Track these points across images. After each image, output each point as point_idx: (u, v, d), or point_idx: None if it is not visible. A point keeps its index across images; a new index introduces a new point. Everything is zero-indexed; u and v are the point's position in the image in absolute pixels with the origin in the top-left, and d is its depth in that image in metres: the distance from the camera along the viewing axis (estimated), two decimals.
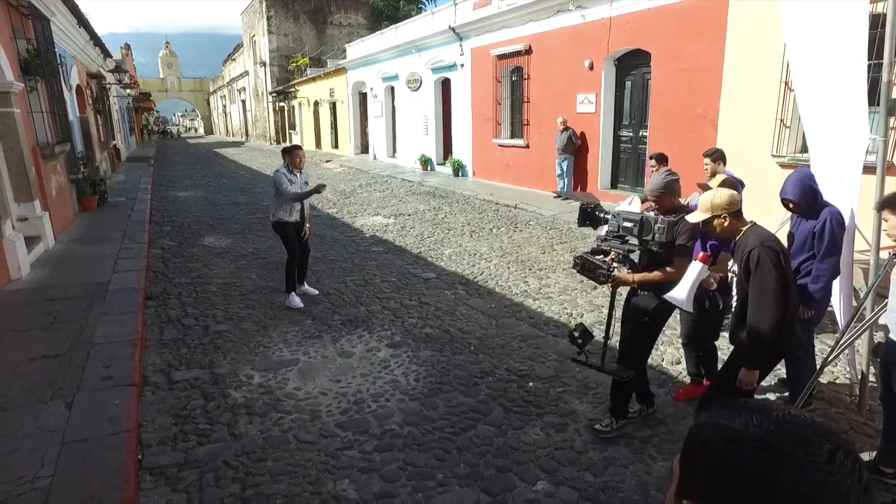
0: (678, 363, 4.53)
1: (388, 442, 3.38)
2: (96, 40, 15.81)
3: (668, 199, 3.29)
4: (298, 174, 5.97)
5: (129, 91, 29.12)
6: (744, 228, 2.77)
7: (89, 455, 2.93)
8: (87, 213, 10.64)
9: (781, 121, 7.76)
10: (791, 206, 3.55)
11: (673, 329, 4.91)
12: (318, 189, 5.77)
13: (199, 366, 4.36)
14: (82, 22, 13.10)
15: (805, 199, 3.43)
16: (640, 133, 10.77)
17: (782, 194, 3.51)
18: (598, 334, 4.04)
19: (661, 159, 6.02)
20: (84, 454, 2.94)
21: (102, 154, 16.15)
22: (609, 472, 3.15)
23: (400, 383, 4.13)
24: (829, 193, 3.75)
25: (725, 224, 2.78)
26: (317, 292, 6.18)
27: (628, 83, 10.94)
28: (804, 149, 7.58)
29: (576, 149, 11.70)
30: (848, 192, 3.60)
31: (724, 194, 2.80)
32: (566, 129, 11.63)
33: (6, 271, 6.16)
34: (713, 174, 5.16)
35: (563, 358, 4.66)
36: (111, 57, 20.41)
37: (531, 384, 4.21)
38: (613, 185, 11.53)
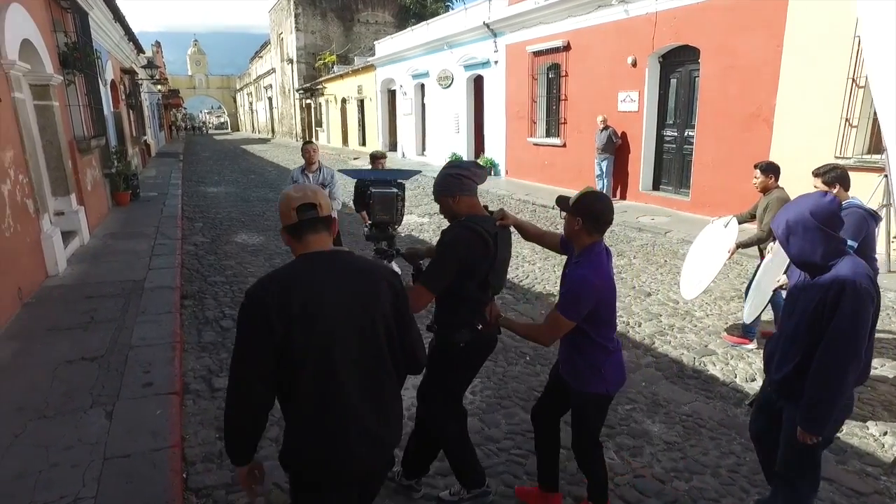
0: (753, 380, 4.16)
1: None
2: (130, 35, 15.84)
3: (445, 201, 2.44)
4: (313, 174, 5.32)
5: (159, 87, 29.38)
6: (295, 258, 1.77)
7: (132, 473, 2.70)
8: (121, 208, 10.58)
9: (847, 120, 7.30)
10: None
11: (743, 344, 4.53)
12: None
13: None
14: (118, 17, 13.09)
15: (797, 243, 2.12)
16: (686, 133, 10.33)
17: (772, 224, 2.28)
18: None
19: (770, 170, 4.48)
20: (127, 472, 2.71)
21: (134, 149, 16.20)
22: None
23: None
24: None
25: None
26: None
27: (673, 81, 10.50)
28: (874, 149, 7.13)
29: (616, 148, 11.30)
30: None
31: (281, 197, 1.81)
32: (606, 127, 11.23)
33: (44, 267, 6.04)
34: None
35: None
36: (143, 53, 20.52)
37: None
38: (656, 187, 11.10)
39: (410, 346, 1.88)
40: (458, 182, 2.43)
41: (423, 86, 19.86)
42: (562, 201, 2.41)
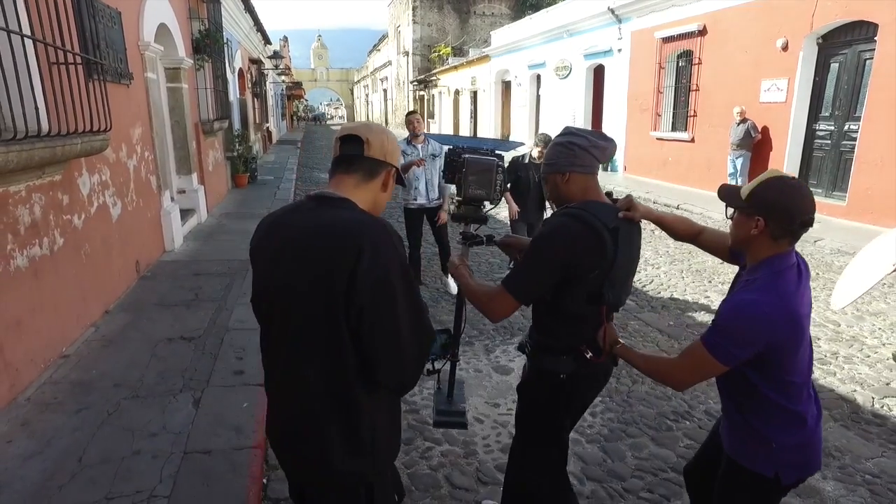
0: None
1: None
2: (259, 27, 16.58)
3: (552, 179, 1.84)
4: (420, 145, 5.31)
5: (283, 79, 30.95)
6: None
7: (210, 474, 2.45)
8: (238, 189, 11.01)
9: None
10: None
11: None
12: (415, 163, 5.08)
13: None
14: (248, 7, 13.68)
15: None
16: (847, 126, 8.87)
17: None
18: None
19: None
20: (205, 472, 2.47)
21: (256, 135, 17.00)
22: None
23: None
24: None
25: None
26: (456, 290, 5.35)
27: (834, 65, 9.05)
28: None
29: (754, 144, 10.02)
30: None
31: None
32: (744, 120, 9.98)
33: (162, 242, 6.22)
34: None
35: None
36: (270, 44, 21.55)
37: None
38: None
39: (370, 351, 1.30)
40: (569, 153, 1.77)
41: (538, 76, 19.12)
42: (729, 193, 1.62)
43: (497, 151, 2.20)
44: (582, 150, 1.76)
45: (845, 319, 4.95)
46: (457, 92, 27.87)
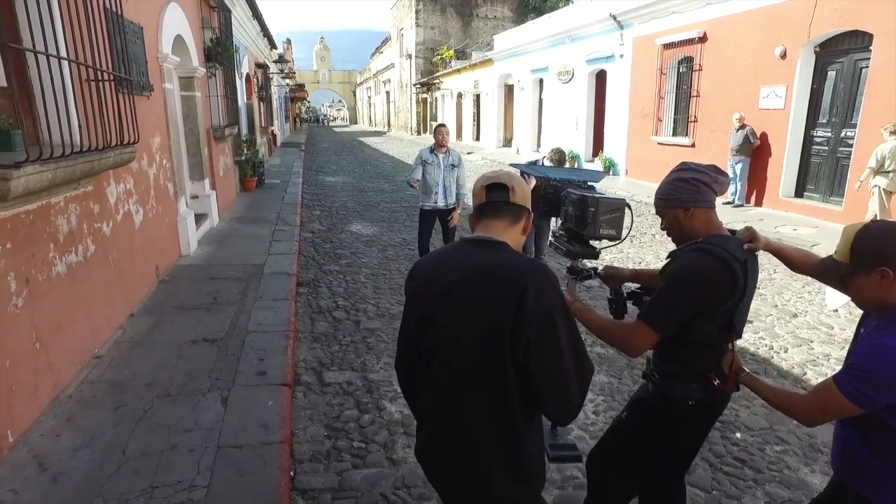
0: None
1: (573, 494, 2.78)
2: (265, 32, 16.84)
3: (673, 214, 1.91)
4: (442, 155, 5.80)
5: (287, 81, 31.21)
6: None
7: (243, 466, 2.67)
8: (247, 193, 11.23)
9: None
10: None
11: None
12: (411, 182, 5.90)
13: (352, 368, 4.07)
14: (255, 14, 13.93)
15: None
16: (843, 133, 9.07)
17: None
18: None
19: None
20: (238, 464, 2.69)
21: (262, 138, 17.24)
22: None
23: None
24: None
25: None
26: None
27: (831, 73, 9.26)
28: None
29: (753, 150, 10.23)
30: None
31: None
32: (743, 126, 10.20)
33: (178, 247, 6.44)
34: None
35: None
36: (276, 48, 21.81)
37: (738, 435, 3.40)
38: (799, 194, 9.90)
39: (536, 384, 1.39)
40: (693, 189, 1.83)
41: (541, 81, 19.36)
42: (830, 268, 1.64)
43: (589, 182, 2.25)
44: (705, 185, 1.84)
45: (839, 322, 5.15)
46: (459, 95, 28.12)
